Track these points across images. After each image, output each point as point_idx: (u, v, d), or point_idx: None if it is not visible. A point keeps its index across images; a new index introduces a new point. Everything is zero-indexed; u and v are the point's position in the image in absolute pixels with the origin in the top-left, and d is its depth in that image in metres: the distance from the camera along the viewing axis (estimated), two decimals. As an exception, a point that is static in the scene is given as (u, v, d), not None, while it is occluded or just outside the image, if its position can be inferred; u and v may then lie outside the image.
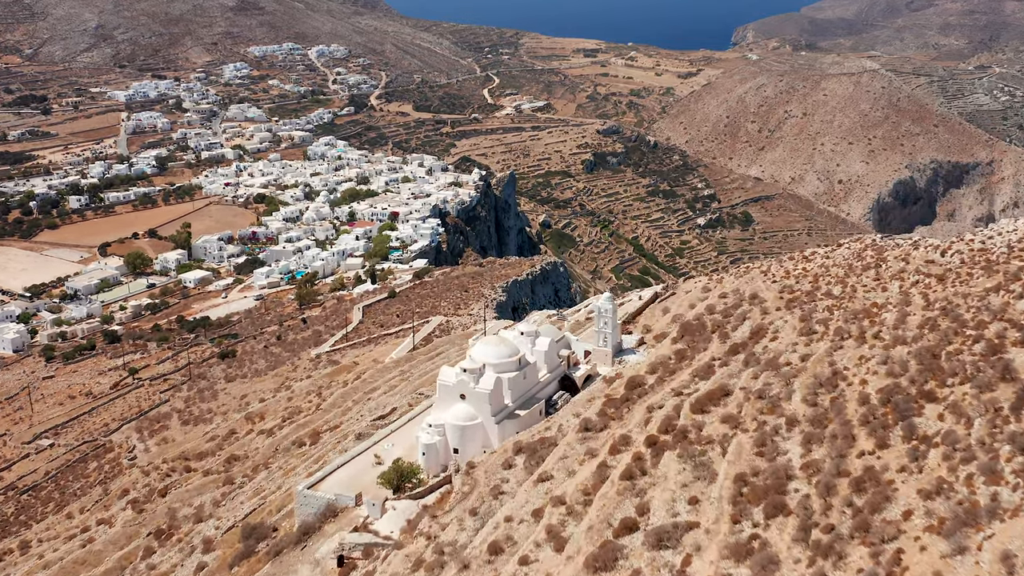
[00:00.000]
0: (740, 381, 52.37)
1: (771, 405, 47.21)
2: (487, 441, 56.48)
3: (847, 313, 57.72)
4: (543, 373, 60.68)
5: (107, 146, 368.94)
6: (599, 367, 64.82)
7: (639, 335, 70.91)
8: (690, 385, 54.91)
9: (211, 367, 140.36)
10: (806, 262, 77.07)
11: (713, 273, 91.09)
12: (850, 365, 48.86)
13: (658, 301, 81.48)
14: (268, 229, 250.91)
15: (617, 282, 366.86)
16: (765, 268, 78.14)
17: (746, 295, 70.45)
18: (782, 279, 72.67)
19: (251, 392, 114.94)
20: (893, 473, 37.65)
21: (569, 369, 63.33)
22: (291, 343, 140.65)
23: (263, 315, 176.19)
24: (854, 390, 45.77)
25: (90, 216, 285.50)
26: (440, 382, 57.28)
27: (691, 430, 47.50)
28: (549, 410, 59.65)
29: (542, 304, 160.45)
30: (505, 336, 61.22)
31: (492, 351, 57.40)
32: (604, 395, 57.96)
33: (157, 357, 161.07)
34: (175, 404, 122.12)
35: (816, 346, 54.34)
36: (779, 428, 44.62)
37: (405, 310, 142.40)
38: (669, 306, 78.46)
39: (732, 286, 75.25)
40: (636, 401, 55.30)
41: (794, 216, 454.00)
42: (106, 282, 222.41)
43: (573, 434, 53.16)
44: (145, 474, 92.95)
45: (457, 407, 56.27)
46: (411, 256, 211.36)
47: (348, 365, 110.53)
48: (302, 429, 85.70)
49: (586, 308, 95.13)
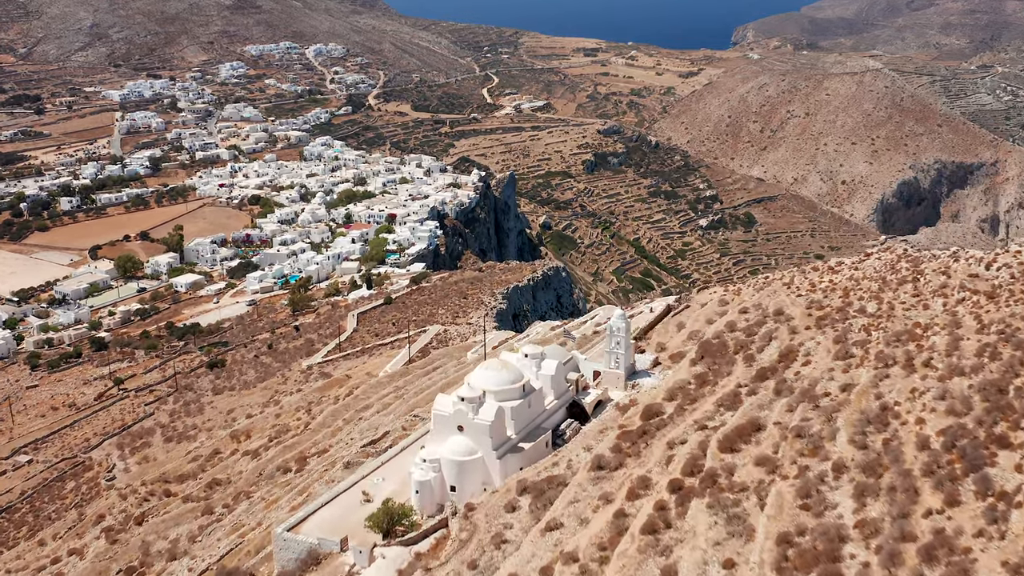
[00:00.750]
0: (773, 414, 46.52)
1: (812, 446, 41.35)
2: (488, 478, 50.65)
3: (888, 335, 51.88)
4: (549, 400, 54.86)
5: (100, 146, 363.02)
6: (611, 391, 59.00)
7: (653, 354, 65.07)
8: (715, 416, 49.05)
9: (199, 377, 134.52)
10: (833, 274, 71.21)
11: (729, 284, 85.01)
12: (901, 399, 43.01)
13: (672, 315, 75.60)
14: (263, 231, 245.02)
15: (619, 284, 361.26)
16: (788, 280, 72.26)
17: (770, 311, 64.60)
18: (808, 293, 66.82)
19: (238, 406, 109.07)
20: (969, 538, 31.85)
21: (578, 394, 57.51)
22: (282, 352, 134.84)
23: (255, 321, 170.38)
24: (909, 431, 39.92)
25: (81, 218, 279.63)
26: (435, 412, 51.47)
27: (720, 473, 41.66)
28: (556, 441, 53.88)
29: (543, 311, 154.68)
30: (507, 360, 55.36)
31: (493, 377, 51.56)
32: (618, 426, 52.11)
33: (144, 366, 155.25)
34: (159, 418, 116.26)
35: (856, 373, 48.50)
36: (824, 475, 38.77)
37: (401, 318, 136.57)
38: (684, 321, 72.59)
39: (753, 300, 69.36)
40: (654, 434, 49.45)
41: (797, 217, 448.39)
42: (95, 286, 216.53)
43: (584, 473, 47.31)
44: (122, 498, 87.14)
45: (454, 440, 50.45)
46: (408, 260, 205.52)
47: (340, 379, 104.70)
48: (288, 451, 79.89)
49: (593, 320, 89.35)
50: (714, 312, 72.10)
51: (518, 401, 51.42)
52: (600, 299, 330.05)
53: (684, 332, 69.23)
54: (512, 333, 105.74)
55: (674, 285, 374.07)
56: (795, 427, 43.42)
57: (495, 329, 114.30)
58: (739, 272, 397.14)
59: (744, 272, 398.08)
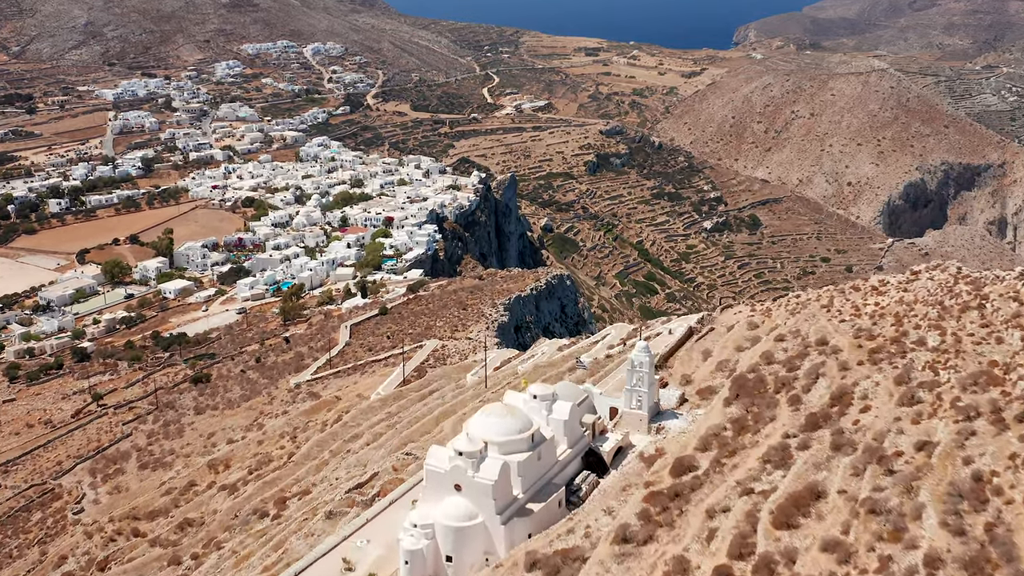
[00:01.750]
0: (835, 478, 38.61)
1: (893, 527, 33.47)
2: (490, 546, 42.80)
3: (963, 377, 43.97)
4: (562, 449, 47.01)
5: (92, 147, 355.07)
6: (632, 435, 51.14)
7: (679, 389, 57.14)
8: (761, 476, 41.15)
9: (182, 393, 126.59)
10: (878, 295, 63.24)
11: (756, 302, 77.13)
12: (998, 467, 35.14)
13: (695, 340, 67.64)
14: (255, 235, 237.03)
15: (622, 288, 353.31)
16: (826, 302, 64.30)
17: (811, 339, 56.67)
18: (852, 317, 58.93)
19: (220, 429, 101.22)
20: None
21: (594, 439, 49.66)
22: (270, 367, 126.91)
23: (244, 331, 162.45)
24: (1017, 512, 32.00)
25: (70, 220, 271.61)
26: (428, 467, 43.59)
27: (778, 560, 33.77)
28: (571, 498, 46.04)
29: (547, 322, 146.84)
30: (513, 403, 47.43)
31: (496, 425, 43.68)
32: (644, 483, 44.20)
33: (127, 379, 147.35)
34: (136, 440, 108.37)
35: (931, 427, 40.58)
36: (915, 571, 30.84)
37: (397, 331, 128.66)
38: (710, 347, 64.66)
39: (789, 325, 61.42)
40: (689, 497, 41.53)
41: (803, 219, 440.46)
42: (81, 292, 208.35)
43: (607, 546, 39.41)
44: (88, 536, 79.32)
45: (451, 501, 42.59)
46: (405, 266, 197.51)
47: (329, 400, 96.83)
48: (268, 489, 72.03)
49: (604, 341, 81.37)
50: (743, 338, 64.19)
51: (526, 454, 43.56)
52: (603, 304, 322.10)
53: (711, 362, 61.29)
54: (515, 352, 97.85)
55: (678, 289, 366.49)
56: (867, 500, 35.51)
57: (496, 346, 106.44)
58: (744, 275, 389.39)
59: (749, 276, 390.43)
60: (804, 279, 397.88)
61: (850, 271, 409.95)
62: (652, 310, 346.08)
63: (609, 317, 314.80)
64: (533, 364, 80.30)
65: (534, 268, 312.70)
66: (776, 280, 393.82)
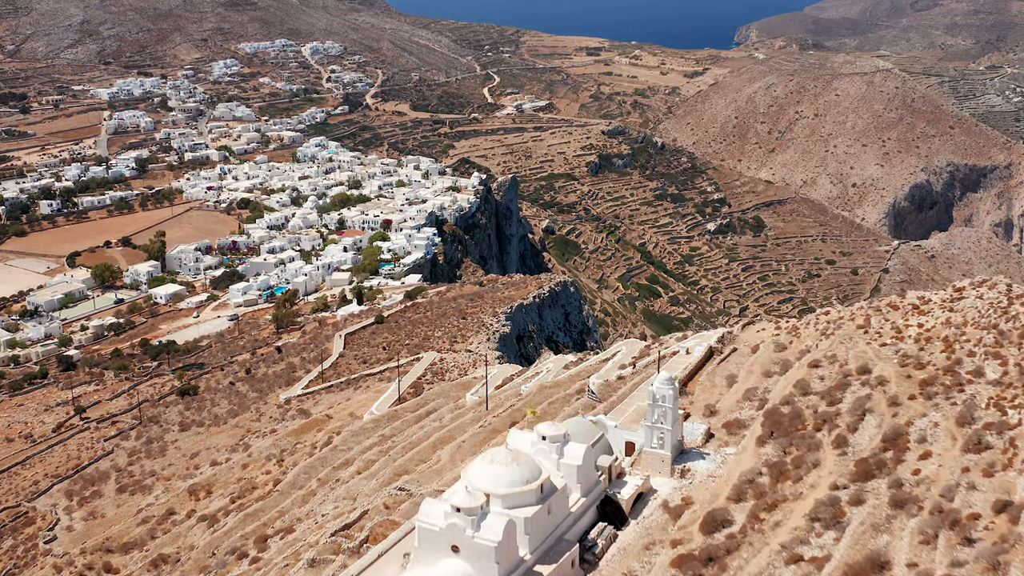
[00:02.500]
0: (901, 545, 32.67)
1: (985, 620, 27.49)
2: (493, 617, 36.90)
3: (1040, 419, 38.03)
4: (575, 498, 41.07)
5: (86, 147, 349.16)
6: (654, 477, 45.16)
7: (703, 422, 51.12)
8: (810, 538, 35.21)
9: (167, 407, 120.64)
10: (920, 315, 57.28)
11: (779, 318, 71.21)
12: (1106, 540, 29.16)
13: (717, 362, 61.67)
14: (250, 238, 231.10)
15: (624, 291, 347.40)
16: (862, 321, 58.35)
17: (850, 366, 50.71)
18: (895, 341, 52.96)
19: (204, 449, 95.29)
20: None
21: (611, 484, 43.73)
22: (261, 379, 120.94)
23: (236, 339, 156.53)
24: None
25: (61, 222, 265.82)
26: (421, 525, 37.61)
27: (843, 656, 27.76)
28: (585, 556, 40.09)
29: (551, 331, 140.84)
30: (518, 445, 41.46)
31: (500, 475, 37.72)
32: (670, 542, 38.25)
33: (112, 390, 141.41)
34: (117, 459, 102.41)
35: (1007, 480, 34.67)
36: None
37: (393, 341, 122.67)
38: (735, 372, 58.67)
39: (823, 348, 55.45)
40: (726, 563, 35.58)
41: (808, 221, 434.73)
42: (70, 297, 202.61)
43: (631, 624, 33.44)
44: (57, 570, 73.38)
45: (447, 565, 36.64)
46: (403, 271, 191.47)
47: (319, 419, 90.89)
48: (249, 523, 66.08)
49: (614, 360, 75.35)
50: (771, 361, 58.22)
51: (534, 508, 37.62)
52: (606, 308, 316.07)
53: (738, 389, 55.29)
54: (518, 368, 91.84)
55: (681, 292, 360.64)
56: (946, 578, 29.55)
57: (498, 360, 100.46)
58: (748, 278, 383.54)
59: (753, 278, 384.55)
60: (809, 282, 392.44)
61: (855, 274, 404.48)
62: (655, 314, 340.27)
63: (612, 321, 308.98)
64: (537, 384, 74.34)
65: (536, 272, 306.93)
66: (781, 283, 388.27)
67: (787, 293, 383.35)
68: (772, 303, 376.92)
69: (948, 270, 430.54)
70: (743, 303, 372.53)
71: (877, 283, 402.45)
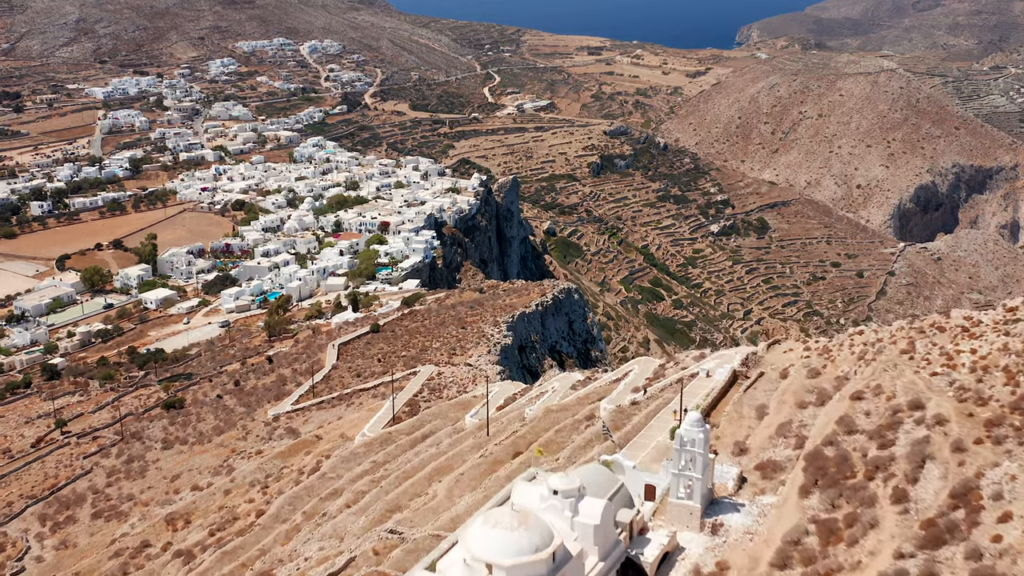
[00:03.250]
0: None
1: None
2: None
3: None
4: (592, 563, 35.14)
5: (80, 146, 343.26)
6: (681, 534, 39.30)
7: (734, 464, 45.22)
8: (876, 624, 29.26)
9: (151, 421, 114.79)
10: (971, 338, 51.29)
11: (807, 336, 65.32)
12: None
13: (743, 389, 55.76)
14: (244, 241, 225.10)
15: (627, 294, 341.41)
16: (906, 345, 52.37)
17: (900, 400, 44.80)
18: (947, 369, 47.03)
19: (186, 471, 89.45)
20: None
21: (632, 542, 37.84)
22: (249, 392, 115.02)
23: (226, 347, 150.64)
24: None
25: (52, 224, 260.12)
26: (412, 602, 31.79)
27: None
28: (603, 632, 34.27)
29: (554, 340, 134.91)
30: (525, 502, 35.58)
31: (505, 543, 31.83)
32: (706, 621, 32.28)
33: (96, 401, 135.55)
34: (95, 480, 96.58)
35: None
36: None
37: (389, 352, 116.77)
38: (764, 401, 52.76)
39: (865, 377, 49.53)
40: (775, 653, 29.62)
41: (812, 223, 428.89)
42: (59, 301, 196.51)
43: None
44: (20, 608, 67.62)
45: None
46: (401, 275, 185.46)
47: (309, 440, 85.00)
48: (227, 562, 60.24)
49: (626, 381, 69.38)
50: (804, 389, 52.32)
51: (545, 581, 31.78)
52: (608, 311, 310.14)
53: (770, 422, 49.36)
54: (520, 386, 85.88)
55: (685, 295, 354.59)
56: None
57: (499, 376, 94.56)
58: (752, 281, 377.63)
59: (758, 281, 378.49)
60: (814, 285, 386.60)
61: (861, 276, 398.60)
62: (659, 318, 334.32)
63: (615, 326, 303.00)
64: (543, 407, 68.43)
65: (537, 275, 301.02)
66: (785, 286, 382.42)
67: (792, 296, 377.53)
68: (776, 306, 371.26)
69: (955, 272, 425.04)
70: (747, 306, 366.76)
71: (883, 286, 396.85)
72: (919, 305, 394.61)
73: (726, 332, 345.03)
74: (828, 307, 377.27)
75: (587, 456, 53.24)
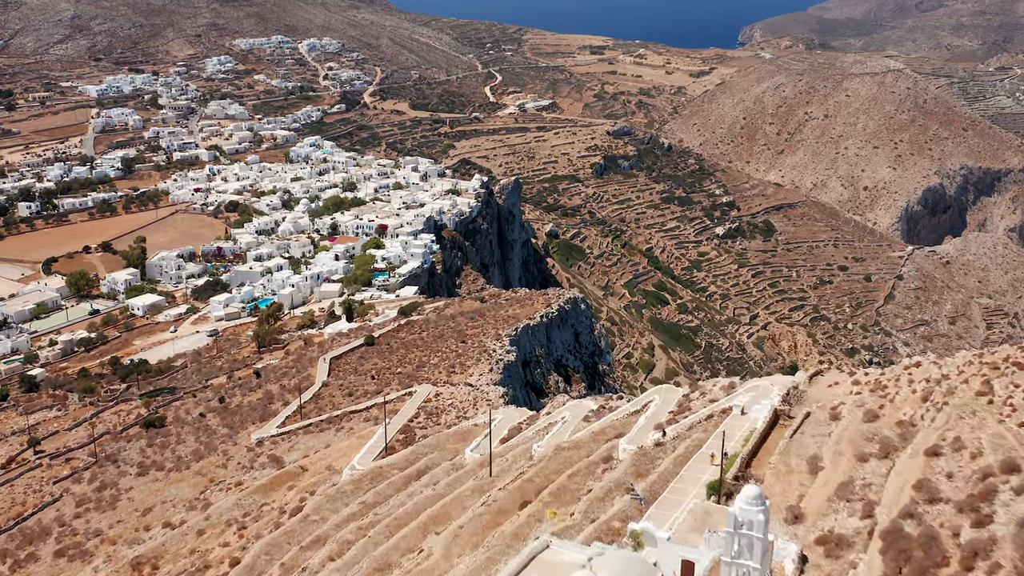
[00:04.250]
0: None
1: None
2: None
3: None
4: None
5: (71, 146, 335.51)
6: (732, 636, 31.74)
7: (786, 533, 37.49)
8: None
9: (129, 442, 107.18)
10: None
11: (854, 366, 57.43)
12: None
13: (789, 433, 48.02)
14: (237, 244, 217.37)
15: (631, 299, 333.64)
16: (982, 386, 44.57)
17: (990, 460, 37.12)
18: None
19: (160, 503, 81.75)
20: None
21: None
22: (234, 411, 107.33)
23: (213, 358, 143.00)
24: None
25: (40, 226, 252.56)
26: None
27: None
28: None
29: (559, 354, 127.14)
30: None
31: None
32: None
33: (74, 417, 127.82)
34: (63, 510, 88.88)
35: None
36: None
37: (383, 368, 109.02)
38: (816, 450, 45.04)
39: (939, 426, 41.75)
40: None
41: (819, 226, 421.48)
42: (43, 307, 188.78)
43: None
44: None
45: None
46: (398, 282, 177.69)
47: (293, 472, 77.24)
48: (192, 627, 52.58)
49: (647, 413, 61.60)
50: (862, 437, 44.61)
51: None
52: (612, 316, 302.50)
53: (827, 480, 41.62)
54: (526, 413, 78.06)
55: (690, 299, 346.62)
56: None
57: (502, 400, 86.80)
58: (758, 284, 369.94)
59: (764, 285, 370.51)
60: (821, 288, 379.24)
61: (869, 280, 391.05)
62: (663, 322, 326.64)
63: (619, 331, 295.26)
64: (553, 444, 60.69)
65: (539, 279, 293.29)
66: (792, 290, 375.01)
67: (799, 300, 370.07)
68: (783, 311, 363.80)
69: (964, 277, 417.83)
70: (753, 311, 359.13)
71: (891, 290, 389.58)
72: (928, 310, 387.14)
73: (732, 337, 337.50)
74: (836, 312, 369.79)
75: (608, 513, 45.53)
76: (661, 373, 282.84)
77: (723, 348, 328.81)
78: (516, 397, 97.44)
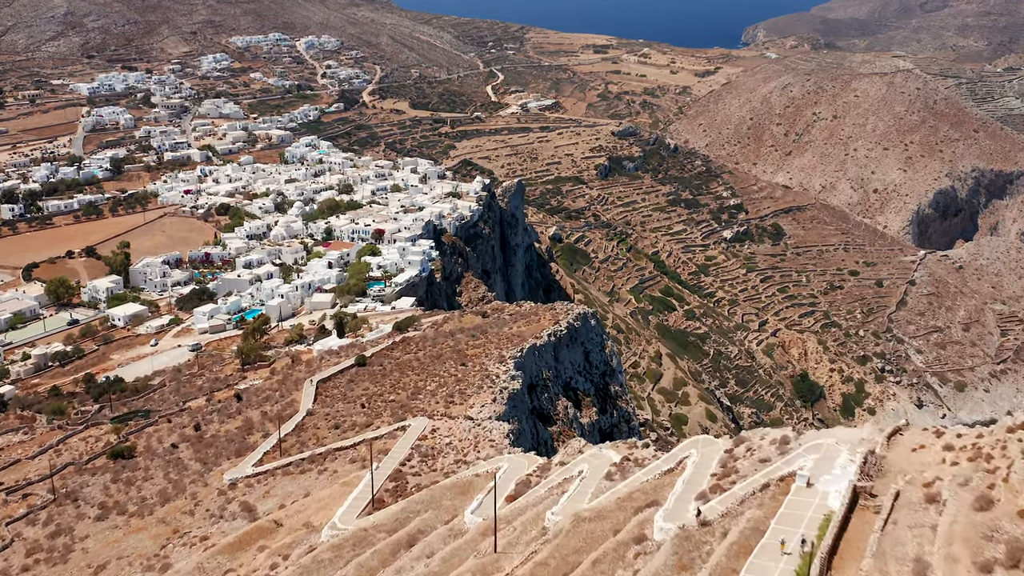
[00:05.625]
0: None
1: None
2: None
3: None
4: None
5: (60, 145, 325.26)
6: None
7: None
8: None
9: (94, 475, 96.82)
10: None
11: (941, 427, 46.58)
12: None
13: (879, 524, 37.56)
14: (226, 249, 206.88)
15: (637, 304, 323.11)
16: None
17: None
18: None
19: (115, 558, 71.36)
20: None
21: None
22: (210, 441, 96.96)
23: (193, 377, 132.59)
24: None
25: (23, 229, 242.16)
26: None
27: None
28: None
29: (568, 376, 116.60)
30: None
31: None
32: None
33: (40, 442, 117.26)
34: (12, 559, 78.51)
35: None
36: None
37: (375, 394, 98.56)
38: (919, 550, 34.64)
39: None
40: None
41: (829, 229, 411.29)
42: (20, 316, 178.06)
43: None
44: None
45: None
46: (394, 292, 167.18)
47: (266, 527, 66.83)
48: None
49: (684, 476, 51.08)
50: (979, 534, 34.24)
51: None
52: (618, 324, 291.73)
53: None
54: (537, 460, 67.44)
55: (697, 305, 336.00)
56: None
57: (507, 440, 76.29)
58: (767, 290, 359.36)
59: (773, 290, 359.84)
60: (832, 294, 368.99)
61: (880, 286, 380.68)
62: (670, 329, 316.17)
63: (625, 339, 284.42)
64: (571, 513, 50.17)
65: (542, 284, 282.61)
66: (802, 295, 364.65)
67: (809, 306, 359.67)
68: (793, 317, 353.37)
69: (977, 282, 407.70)
70: (762, 317, 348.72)
71: (903, 296, 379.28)
72: (941, 316, 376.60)
73: (741, 344, 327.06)
74: (847, 318, 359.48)
75: (648, 631, 34.96)
76: (669, 383, 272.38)
77: (732, 356, 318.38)
78: (522, 431, 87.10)
